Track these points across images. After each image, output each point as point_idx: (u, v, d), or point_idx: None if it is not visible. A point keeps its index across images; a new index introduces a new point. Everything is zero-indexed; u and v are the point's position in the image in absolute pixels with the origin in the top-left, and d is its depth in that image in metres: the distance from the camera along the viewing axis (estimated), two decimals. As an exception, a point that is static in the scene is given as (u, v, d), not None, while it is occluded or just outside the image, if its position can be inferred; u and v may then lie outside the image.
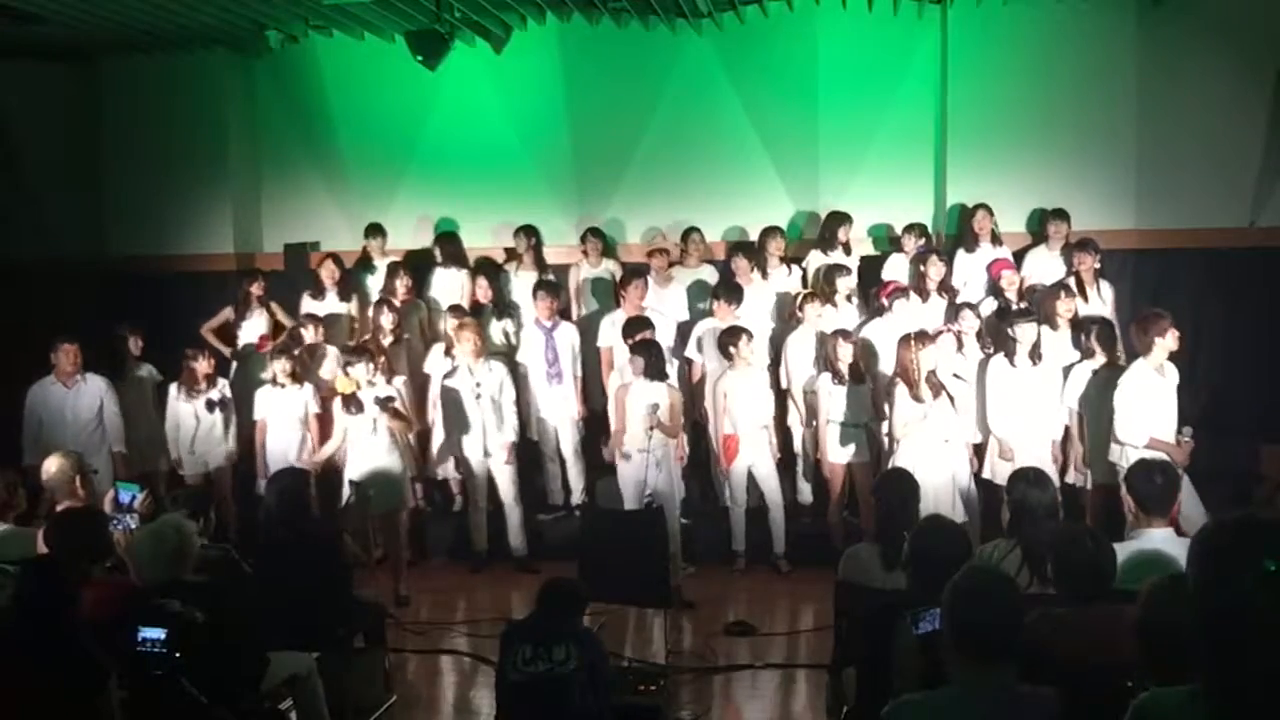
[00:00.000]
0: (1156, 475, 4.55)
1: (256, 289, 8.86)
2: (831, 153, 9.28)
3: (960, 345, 7.49)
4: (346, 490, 7.16)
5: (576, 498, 8.55)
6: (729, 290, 8.08)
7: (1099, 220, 8.57)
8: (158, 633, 4.02)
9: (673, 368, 7.84)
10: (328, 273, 8.95)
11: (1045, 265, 8.44)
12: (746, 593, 7.50)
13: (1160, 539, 4.34)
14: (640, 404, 7.11)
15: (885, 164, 9.15)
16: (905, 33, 9.11)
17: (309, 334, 8.35)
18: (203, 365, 7.87)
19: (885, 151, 9.16)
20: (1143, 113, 8.76)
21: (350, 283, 9.09)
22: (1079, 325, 7.51)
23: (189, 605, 4.18)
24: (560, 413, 8.44)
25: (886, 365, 7.49)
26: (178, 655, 4.02)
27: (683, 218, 9.21)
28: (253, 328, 8.80)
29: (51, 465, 5.59)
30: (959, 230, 8.93)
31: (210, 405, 7.84)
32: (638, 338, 7.41)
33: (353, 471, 7.20)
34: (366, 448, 7.28)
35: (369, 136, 9.78)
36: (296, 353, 8.04)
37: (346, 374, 7.30)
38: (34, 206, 9.58)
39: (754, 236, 8.96)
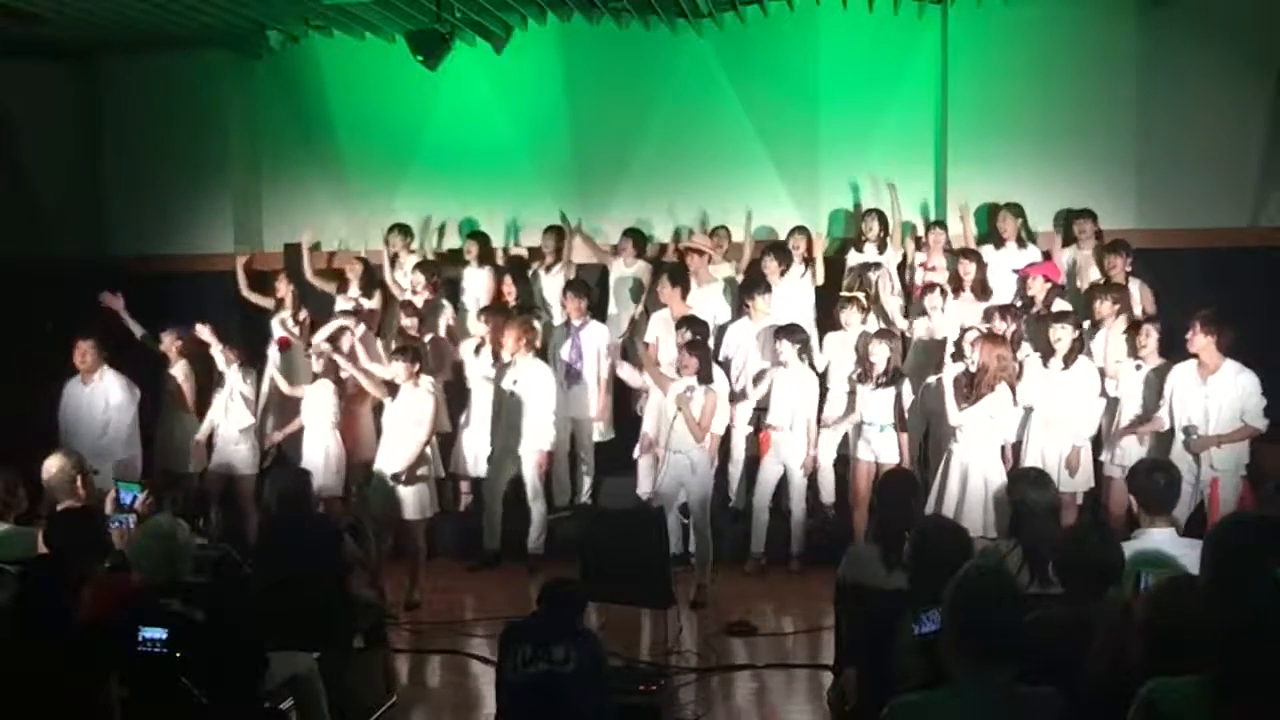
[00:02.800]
0: (1159, 475, 4.55)
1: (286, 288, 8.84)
2: (832, 153, 9.27)
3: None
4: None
5: (583, 498, 8.50)
6: (760, 287, 8.07)
7: (1100, 220, 8.54)
8: (158, 633, 4.02)
9: (721, 377, 7.52)
10: (354, 273, 8.93)
11: (1076, 265, 8.39)
12: (751, 593, 7.48)
13: (1161, 539, 4.34)
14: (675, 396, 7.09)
15: (886, 164, 9.12)
16: (906, 33, 9.11)
17: (347, 337, 8.21)
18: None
19: (886, 151, 9.15)
20: (1143, 113, 8.75)
21: (375, 280, 9.04)
22: (1131, 327, 7.35)
23: (189, 605, 4.18)
24: (577, 413, 8.39)
25: (919, 367, 7.53)
26: (178, 655, 4.02)
27: (682, 218, 9.19)
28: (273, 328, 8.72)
29: (52, 465, 5.57)
30: (986, 229, 8.86)
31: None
32: (690, 338, 7.32)
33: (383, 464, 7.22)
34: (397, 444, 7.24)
35: (369, 136, 9.77)
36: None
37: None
38: (34, 206, 9.58)
39: (749, 237, 8.96)
